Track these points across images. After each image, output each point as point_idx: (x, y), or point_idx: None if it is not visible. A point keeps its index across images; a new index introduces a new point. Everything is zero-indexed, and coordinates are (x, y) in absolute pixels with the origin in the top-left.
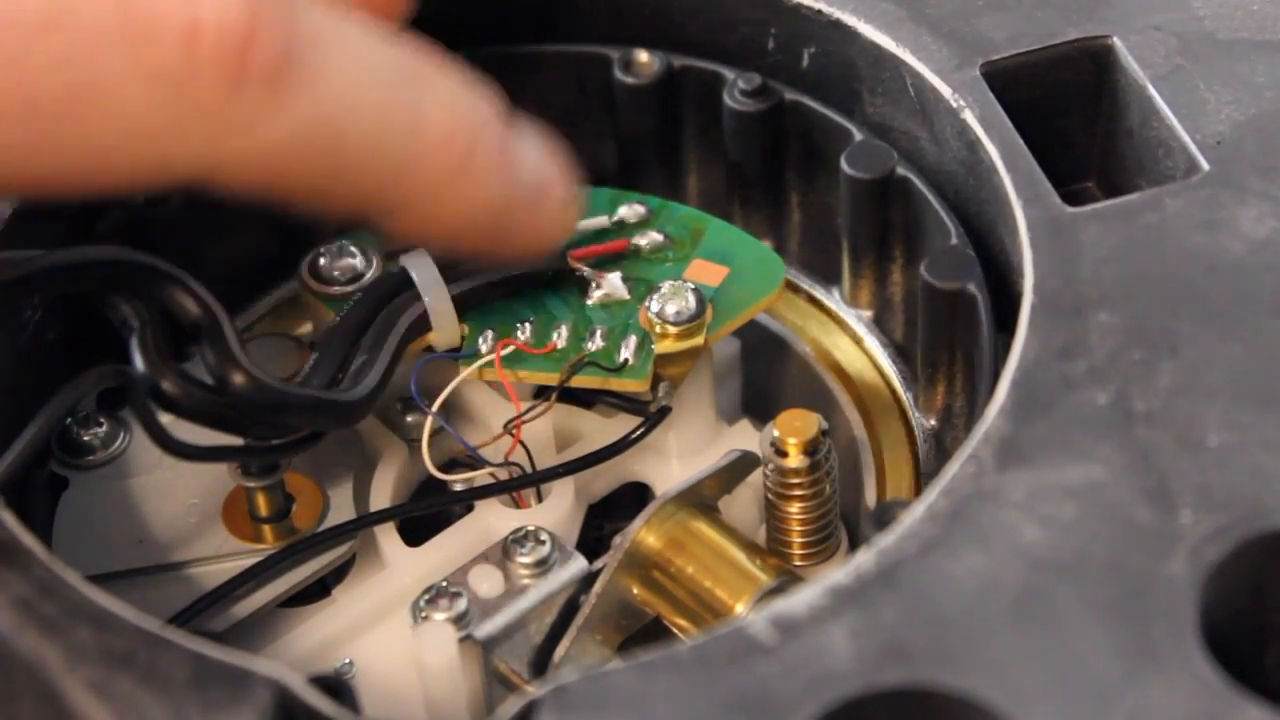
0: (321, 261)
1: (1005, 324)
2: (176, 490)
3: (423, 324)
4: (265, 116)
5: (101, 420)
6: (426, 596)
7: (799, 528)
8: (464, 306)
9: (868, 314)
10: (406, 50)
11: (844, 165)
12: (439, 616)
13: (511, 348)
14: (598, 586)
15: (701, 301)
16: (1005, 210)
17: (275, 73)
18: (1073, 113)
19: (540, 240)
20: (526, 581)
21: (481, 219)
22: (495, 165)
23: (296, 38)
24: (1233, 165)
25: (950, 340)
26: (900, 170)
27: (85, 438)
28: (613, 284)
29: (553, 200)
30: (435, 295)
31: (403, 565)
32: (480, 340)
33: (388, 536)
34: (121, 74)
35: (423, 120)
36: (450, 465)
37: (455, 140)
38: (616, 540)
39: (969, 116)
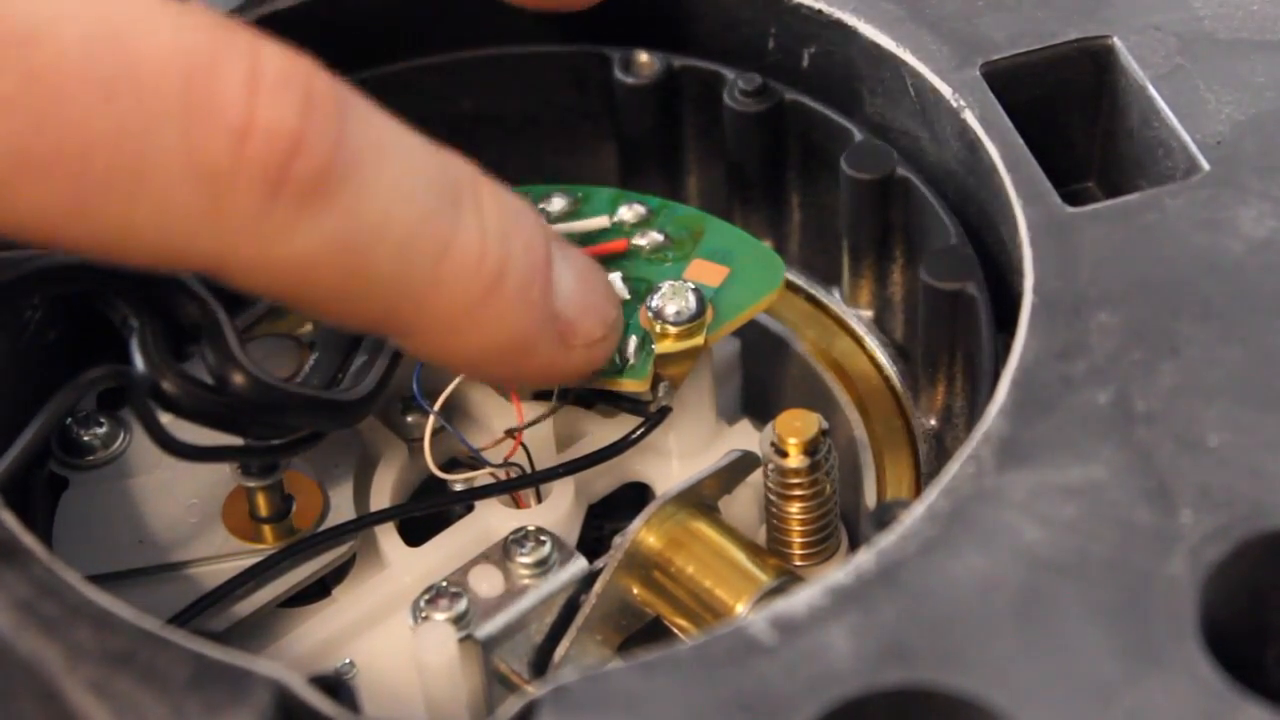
0: None
1: (1005, 324)
2: (176, 490)
3: None
4: (292, 229)
5: (101, 420)
6: (426, 596)
7: (799, 528)
8: None
9: (868, 314)
10: (452, 168)
11: (844, 165)
12: (439, 616)
13: None
14: (598, 586)
15: (701, 301)
16: (1005, 210)
17: (312, 188)
18: (1073, 113)
19: (562, 376)
20: (526, 581)
21: (500, 351)
22: (523, 295)
23: (342, 154)
24: (1233, 165)
25: (950, 340)
26: (900, 170)
27: (85, 438)
28: (613, 284)
29: (583, 337)
30: None
31: (403, 565)
32: None
33: (388, 536)
34: (170, 157)
35: (453, 243)
36: (450, 465)
37: (483, 267)
38: (616, 540)
39: (969, 116)
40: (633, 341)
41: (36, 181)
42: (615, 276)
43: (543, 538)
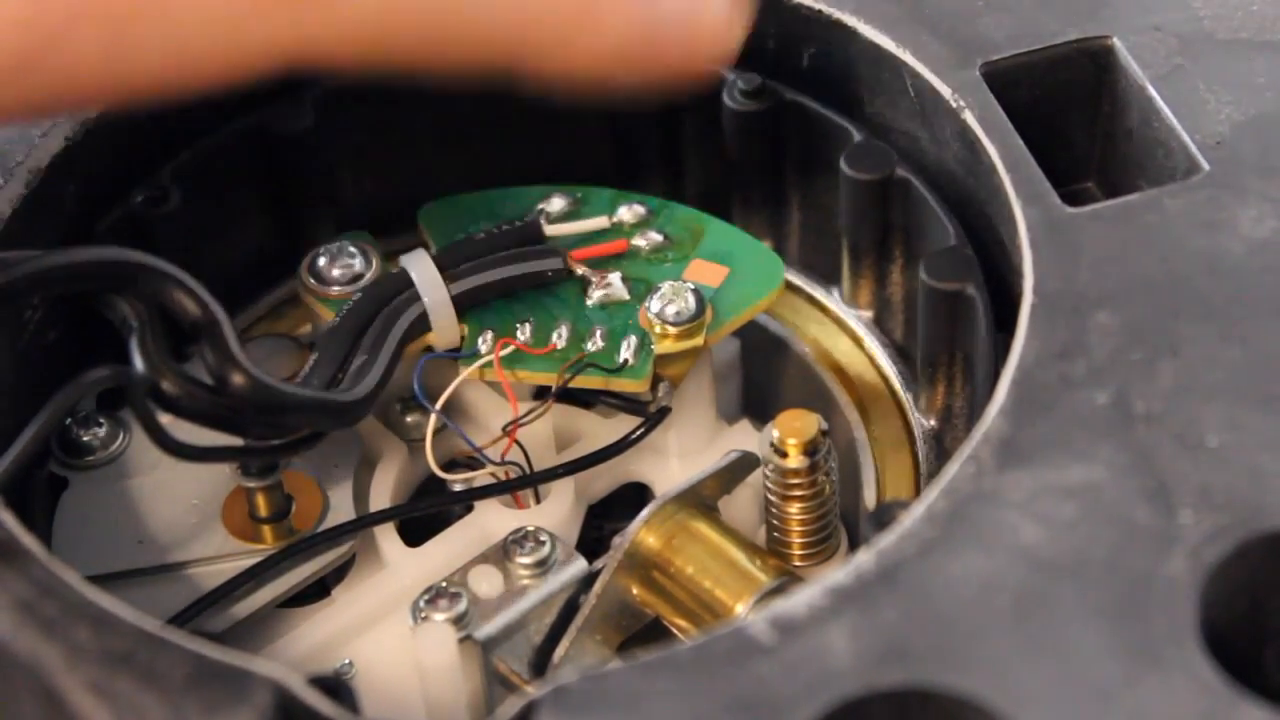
0: (321, 262)
1: (1005, 324)
2: (176, 490)
3: (423, 324)
4: None
5: (101, 420)
6: (426, 597)
7: (799, 528)
8: (463, 306)
9: (868, 314)
10: None
11: (844, 166)
12: (439, 617)
13: (511, 348)
14: (597, 587)
15: (701, 302)
16: (1005, 210)
17: None
18: (1073, 113)
19: (701, 57)
20: (526, 582)
21: (625, 46)
22: None
23: None
24: (1233, 165)
25: (950, 340)
26: (900, 171)
27: (85, 438)
28: (613, 284)
29: (709, 5)
30: (435, 295)
31: (402, 565)
32: (480, 340)
33: (387, 536)
34: None
35: None
36: (449, 466)
37: None
38: (616, 540)
39: (969, 117)
40: (632, 342)
41: (79, 37)
42: (615, 276)
43: (542, 538)
